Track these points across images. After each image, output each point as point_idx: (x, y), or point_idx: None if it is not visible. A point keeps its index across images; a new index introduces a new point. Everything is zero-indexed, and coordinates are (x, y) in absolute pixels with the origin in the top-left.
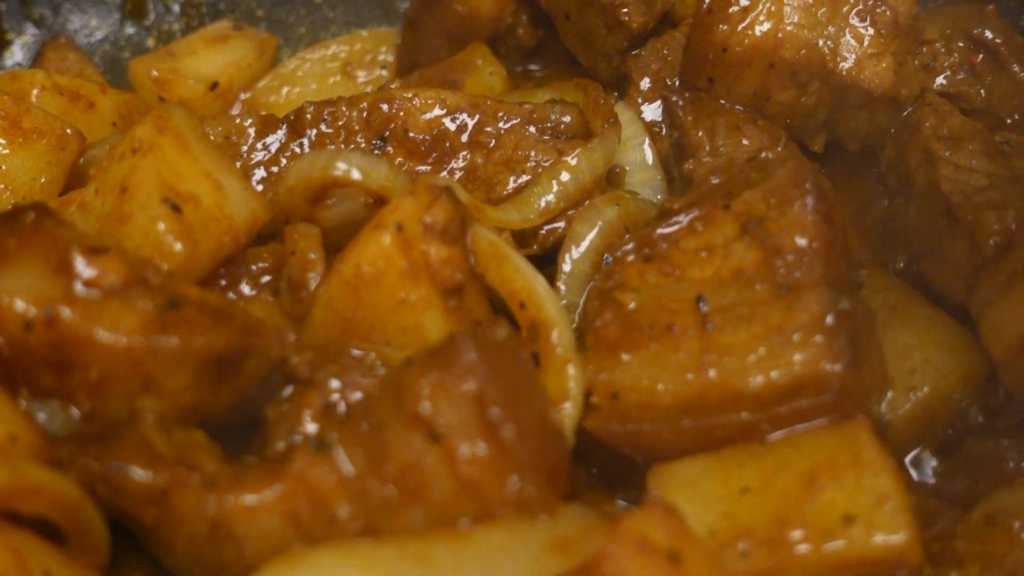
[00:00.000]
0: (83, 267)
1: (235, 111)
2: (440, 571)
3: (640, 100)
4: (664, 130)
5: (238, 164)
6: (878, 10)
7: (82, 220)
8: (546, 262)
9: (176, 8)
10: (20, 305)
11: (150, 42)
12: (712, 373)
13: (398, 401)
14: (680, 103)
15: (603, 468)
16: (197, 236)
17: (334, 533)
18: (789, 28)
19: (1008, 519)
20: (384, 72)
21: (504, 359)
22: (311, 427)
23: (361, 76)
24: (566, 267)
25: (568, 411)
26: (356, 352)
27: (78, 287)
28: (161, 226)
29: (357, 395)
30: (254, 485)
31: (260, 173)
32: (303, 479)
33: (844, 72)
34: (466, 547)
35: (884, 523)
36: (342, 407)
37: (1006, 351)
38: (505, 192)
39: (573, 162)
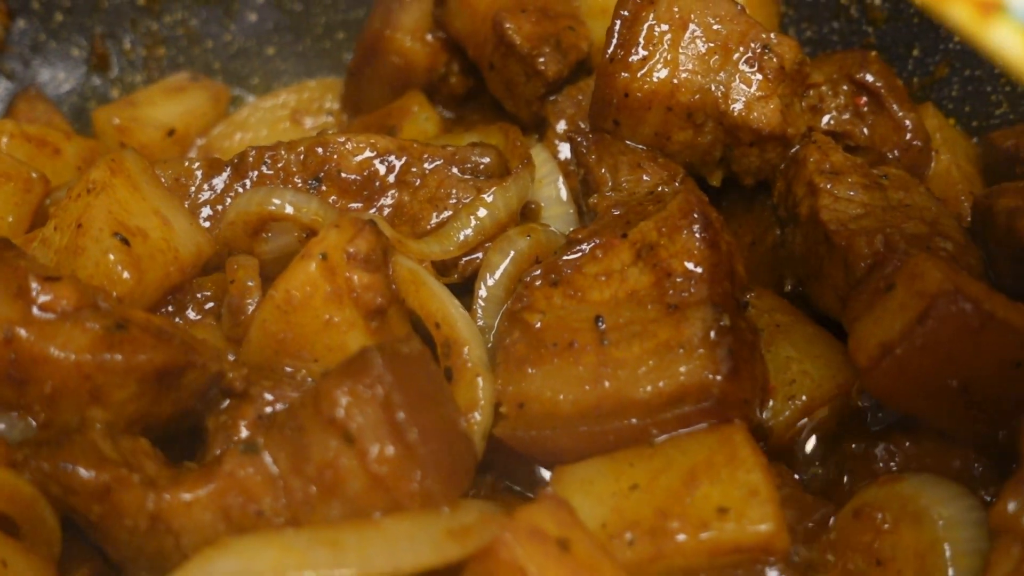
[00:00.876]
0: (39, 292)
1: (192, 155)
2: (348, 553)
3: (556, 141)
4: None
5: (186, 203)
6: (765, 57)
7: (42, 254)
8: (465, 291)
9: (138, 62)
10: None
11: (114, 93)
12: (607, 384)
13: (316, 408)
14: (584, 143)
15: (511, 472)
16: (144, 266)
17: (261, 526)
18: (684, 75)
19: (873, 511)
20: (330, 118)
21: (411, 369)
22: (246, 435)
23: (308, 122)
24: (482, 293)
25: (477, 419)
26: (288, 369)
27: (35, 310)
28: (111, 257)
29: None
30: (190, 484)
31: (207, 211)
32: (233, 478)
33: (735, 113)
34: (373, 533)
35: (754, 514)
36: None
37: (867, 359)
38: (428, 226)
39: (489, 199)
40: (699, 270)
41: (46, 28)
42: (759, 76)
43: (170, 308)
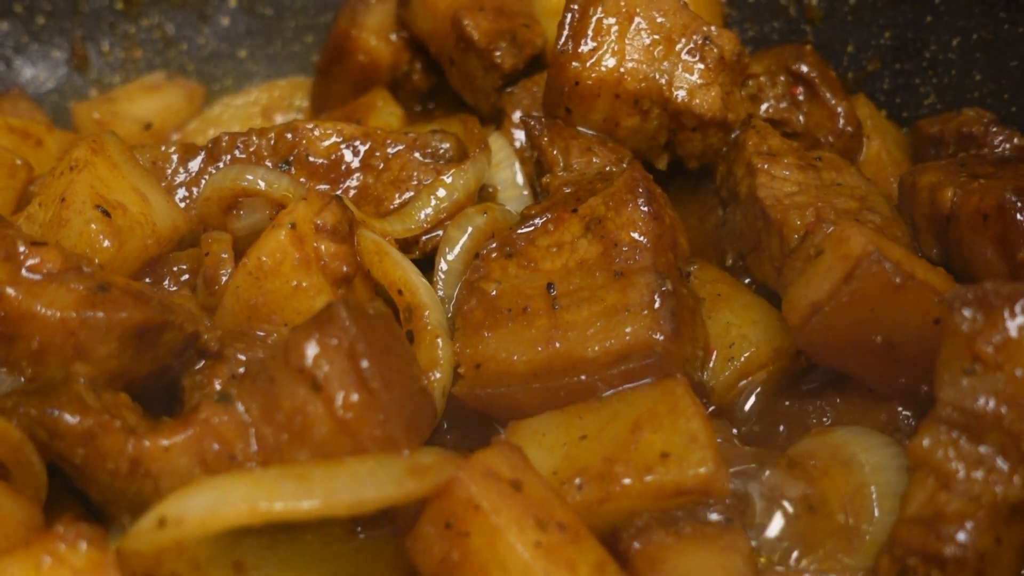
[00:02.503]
0: (27, 256)
1: None
2: (314, 486)
3: (513, 130)
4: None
5: (163, 184)
6: (706, 48)
7: (28, 228)
8: (426, 267)
9: (116, 63)
10: None
11: (93, 92)
12: (558, 345)
13: (286, 359)
14: (537, 127)
15: (471, 434)
16: (124, 237)
17: (234, 470)
18: (630, 64)
19: (805, 460)
20: (299, 115)
21: (375, 325)
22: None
23: (279, 119)
24: (442, 266)
25: (437, 377)
26: (260, 333)
27: (23, 272)
28: (93, 227)
29: None
30: (167, 431)
31: (182, 192)
32: (208, 425)
33: (679, 100)
34: (338, 470)
35: (693, 458)
36: None
37: (799, 319)
38: (391, 207)
39: (449, 180)
40: (644, 240)
41: (28, 30)
42: (701, 65)
43: (147, 280)
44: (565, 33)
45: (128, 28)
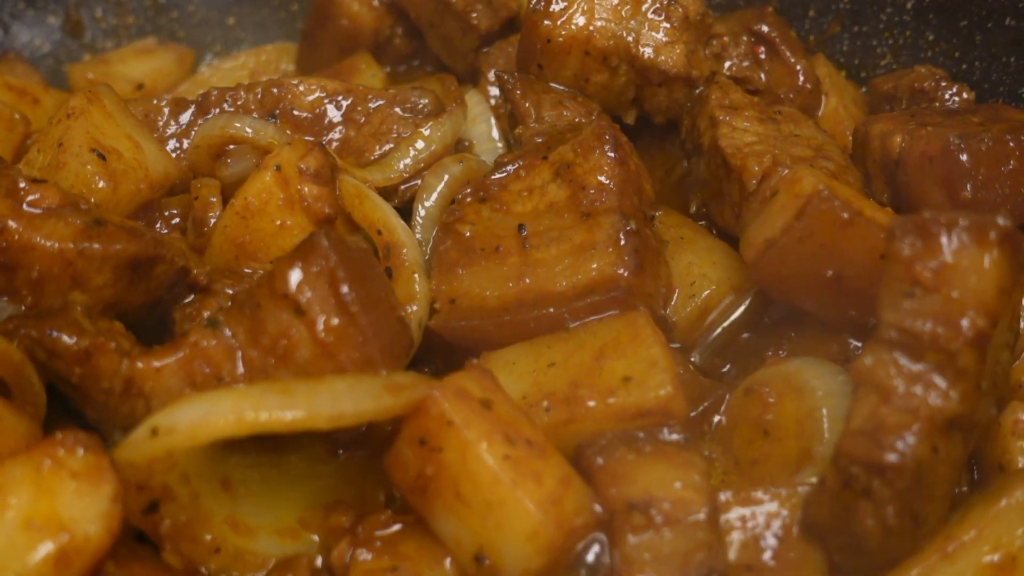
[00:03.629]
0: (27, 192)
1: None
2: (297, 399)
3: (488, 87)
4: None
5: (155, 135)
6: (671, 8)
7: (26, 172)
8: (405, 216)
9: (109, 29)
10: None
11: (86, 56)
12: (528, 281)
13: (271, 286)
14: (511, 81)
15: (445, 364)
16: (118, 179)
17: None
18: (599, 23)
19: (760, 388)
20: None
21: (355, 256)
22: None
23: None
24: (420, 211)
25: (414, 310)
26: (247, 271)
27: (24, 206)
28: (89, 168)
29: None
30: (159, 354)
31: (173, 143)
32: (197, 348)
33: (645, 57)
34: (320, 386)
35: (653, 381)
36: None
37: (754, 255)
38: (372, 158)
39: (427, 133)
40: (610, 183)
41: None
42: (666, 24)
43: (140, 223)
44: None
45: None
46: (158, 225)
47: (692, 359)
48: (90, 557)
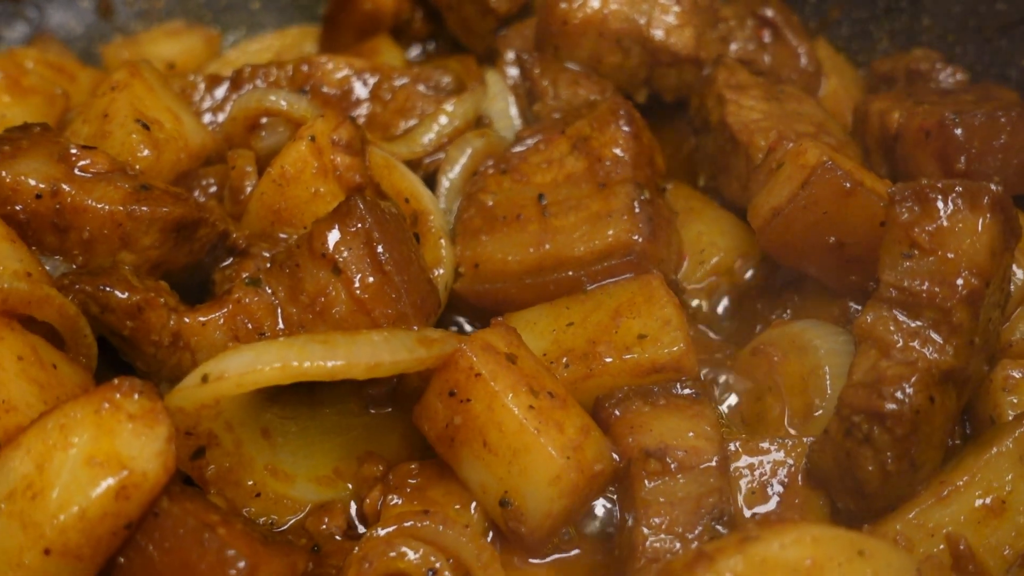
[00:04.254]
0: (78, 158)
1: None
2: (338, 349)
3: (506, 67)
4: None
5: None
6: None
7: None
8: (430, 187)
9: (139, 12)
10: (32, 182)
11: (117, 38)
12: (548, 246)
13: (310, 247)
14: (530, 61)
15: (470, 326)
16: (161, 148)
17: None
18: (613, 6)
19: (767, 348)
20: None
21: (388, 220)
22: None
23: None
24: (444, 183)
25: (440, 273)
26: (282, 236)
27: (75, 171)
28: (134, 136)
29: None
30: (204, 310)
31: (208, 117)
32: (240, 304)
33: (657, 39)
34: (359, 337)
35: (666, 338)
36: None
37: (761, 222)
38: (397, 133)
39: (450, 109)
40: (624, 156)
41: None
42: (676, 8)
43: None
44: None
45: None
46: (196, 194)
47: (704, 323)
48: (147, 492)
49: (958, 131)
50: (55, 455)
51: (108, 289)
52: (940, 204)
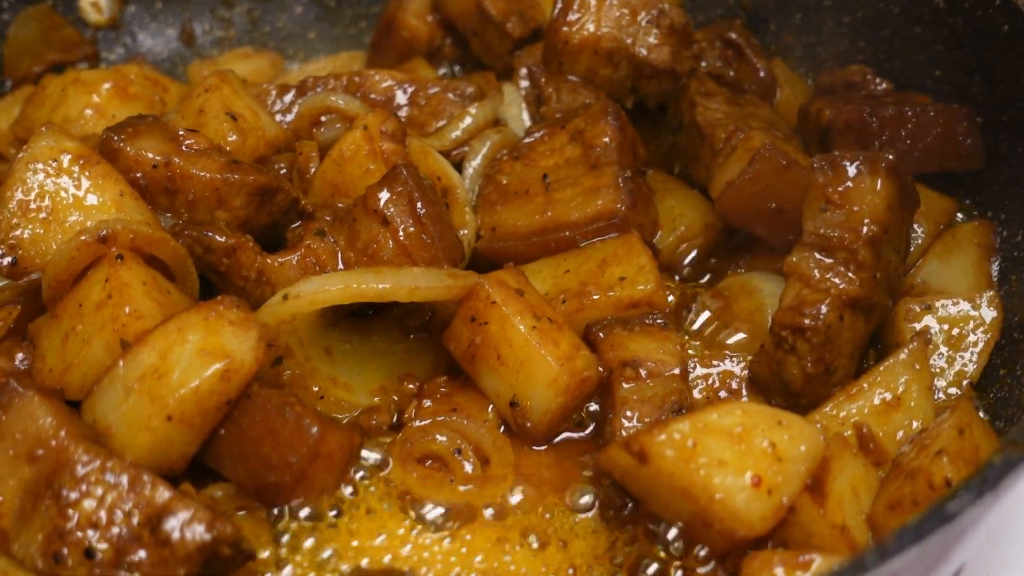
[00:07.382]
0: (184, 137)
1: None
2: (387, 277)
3: (519, 81)
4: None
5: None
6: (661, 19)
7: None
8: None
9: (215, 40)
10: (150, 155)
11: (196, 60)
12: (550, 214)
13: (364, 205)
14: (539, 73)
15: None
16: (245, 135)
17: None
18: (605, 29)
19: (724, 292)
20: None
21: (424, 186)
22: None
23: None
24: (469, 169)
25: (465, 233)
26: (340, 204)
27: (182, 148)
28: (225, 125)
29: None
30: (282, 253)
31: (279, 116)
32: (310, 249)
33: (641, 55)
34: (402, 270)
35: (641, 279)
36: None
37: (718, 193)
38: (431, 131)
39: (473, 111)
40: (611, 143)
41: (149, 12)
42: (657, 31)
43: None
44: (558, 7)
45: (225, 13)
46: None
47: (675, 277)
48: (244, 376)
49: (873, 121)
50: (175, 348)
51: (210, 234)
52: (848, 169)
